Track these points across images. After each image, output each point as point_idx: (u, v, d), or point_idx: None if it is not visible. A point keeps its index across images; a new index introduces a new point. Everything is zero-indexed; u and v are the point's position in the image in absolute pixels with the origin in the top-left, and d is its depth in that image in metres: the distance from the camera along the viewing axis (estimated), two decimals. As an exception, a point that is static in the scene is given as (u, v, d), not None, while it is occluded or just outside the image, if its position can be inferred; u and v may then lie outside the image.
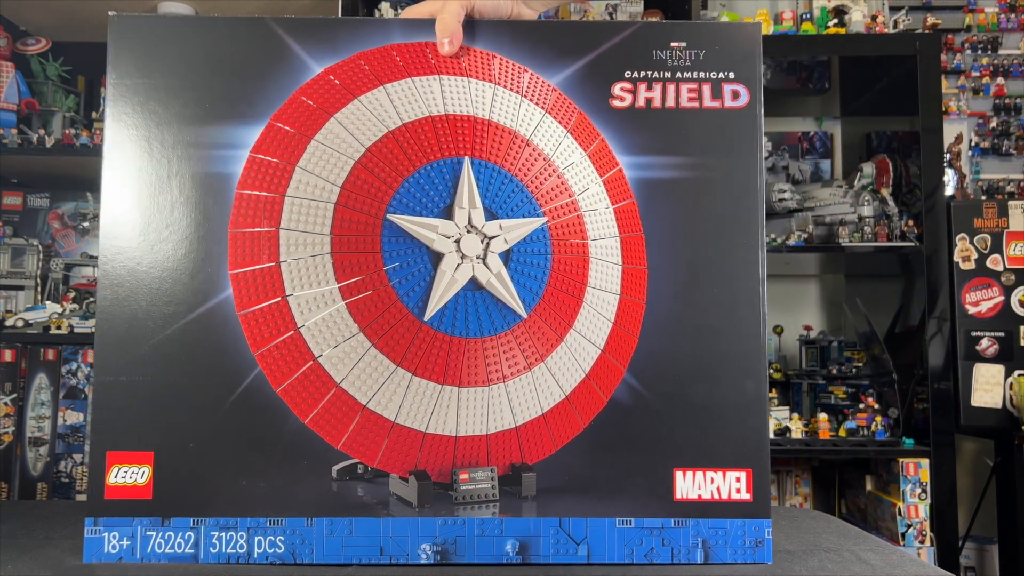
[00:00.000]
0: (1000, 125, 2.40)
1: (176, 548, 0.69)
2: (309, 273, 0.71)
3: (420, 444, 0.71)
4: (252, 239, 0.70)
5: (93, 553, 0.71)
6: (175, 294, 0.70)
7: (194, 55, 0.71)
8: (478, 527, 0.71)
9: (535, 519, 0.70)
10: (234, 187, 0.70)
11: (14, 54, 2.22)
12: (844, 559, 0.77)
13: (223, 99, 0.71)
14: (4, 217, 2.23)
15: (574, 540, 0.71)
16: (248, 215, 0.70)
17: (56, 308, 1.98)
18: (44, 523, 0.94)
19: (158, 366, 0.69)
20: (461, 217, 0.73)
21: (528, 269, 0.72)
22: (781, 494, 2.10)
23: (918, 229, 1.90)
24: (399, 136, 0.74)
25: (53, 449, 1.93)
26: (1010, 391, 1.89)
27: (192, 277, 0.69)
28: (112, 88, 0.71)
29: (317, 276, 0.71)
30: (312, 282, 0.71)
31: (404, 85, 0.74)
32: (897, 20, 2.10)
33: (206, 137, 0.70)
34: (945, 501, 1.82)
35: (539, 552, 0.70)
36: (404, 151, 0.74)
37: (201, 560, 0.69)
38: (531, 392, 0.72)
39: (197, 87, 0.71)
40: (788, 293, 2.33)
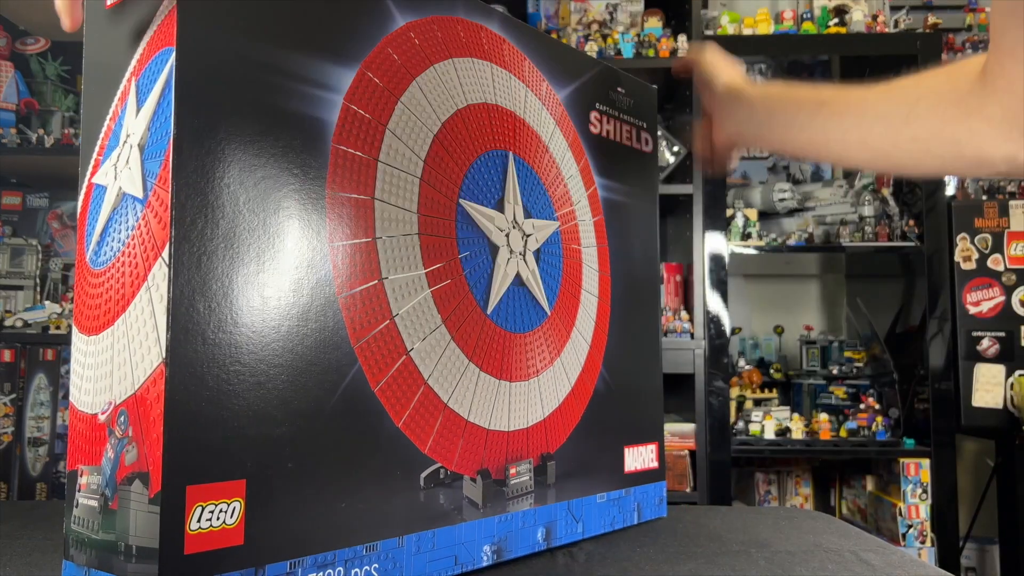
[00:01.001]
0: (1001, 125, 2.39)
1: None
2: (400, 255, 0.62)
3: (484, 442, 0.68)
4: (350, 206, 0.57)
5: None
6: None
7: None
8: (520, 520, 0.70)
9: (554, 504, 0.73)
10: (330, 138, 0.56)
11: (13, 53, 2.22)
12: (845, 560, 0.77)
13: (315, 27, 0.56)
14: (3, 217, 2.22)
15: (575, 519, 0.76)
16: (345, 177, 0.57)
17: (55, 308, 1.98)
18: (43, 524, 0.94)
19: (253, 364, 0.51)
20: (509, 212, 0.72)
21: (550, 268, 0.75)
22: (781, 494, 2.10)
23: (919, 229, 1.90)
24: (466, 116, 0.69)
25: (52, 449, 1.93)
26: (1011, 391, 1.89)
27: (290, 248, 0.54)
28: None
29: (407, 259, 0.63)
30: (403, 265, 0.62)
31: (467, 64, 0.70)
32: (898, 20, 2.10)
33: (301, 68, 0.55)
34: (946, 501, 1.82)
35: (556, 535, 0.73)
36: (470, 134, 0.70)
37: None
38: (553, 385, 0.74)
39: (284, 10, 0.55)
40: (789, 293, 2.33)
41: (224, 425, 0.49)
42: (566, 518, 0.76)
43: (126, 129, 0.55)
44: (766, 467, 2.10)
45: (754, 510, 0.97)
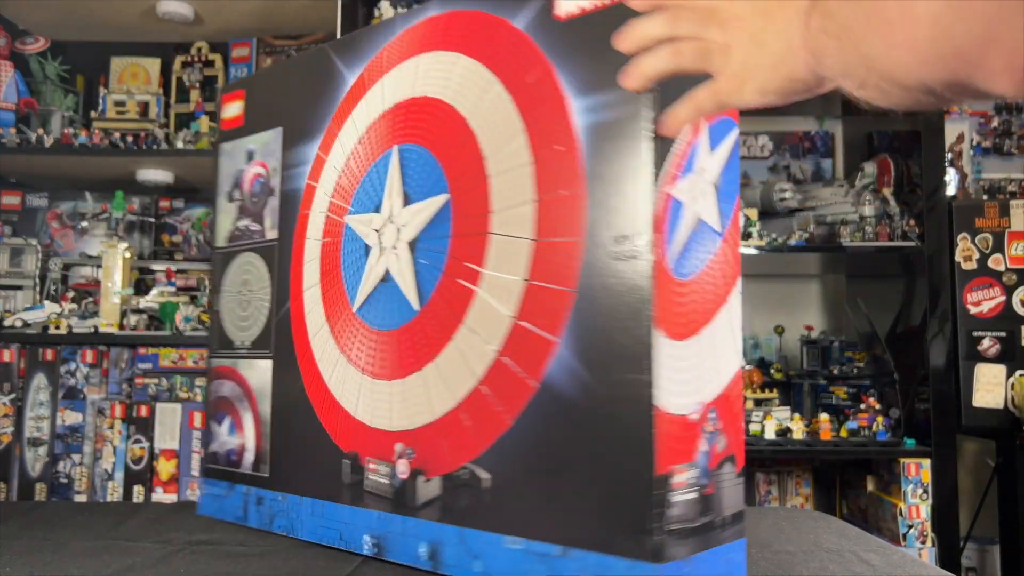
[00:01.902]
0: (1002, 125, 2.39)
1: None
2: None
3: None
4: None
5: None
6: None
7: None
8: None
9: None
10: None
11: (13, 53, 2.22)
12: (845, 560, 0.77)
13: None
14: (3, 216, 2.22)
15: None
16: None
17: (55, 308, 1.98)
18: (43, 524, 0.94)
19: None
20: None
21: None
22: (782, 494, 2.09)
23: (919, 229, 1.90)
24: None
25: (52, 449, 1.92)
26: (1011, 391, 1.89)
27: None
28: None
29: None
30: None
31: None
32: (898, 19, 2.09)
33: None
34: (946, 502, 1.81)
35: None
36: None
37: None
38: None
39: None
40: (789, 293, 2.33)
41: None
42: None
43: (700, 162, 0.65)
44: (766, 467, 2.09)
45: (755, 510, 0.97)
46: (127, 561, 0.78)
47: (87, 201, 2.23)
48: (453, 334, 0.71)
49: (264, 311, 0.94)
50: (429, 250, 0.75)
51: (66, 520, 0.96)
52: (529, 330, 0.66)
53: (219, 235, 1.03)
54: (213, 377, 1.00)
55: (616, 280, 0.60)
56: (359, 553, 0.79)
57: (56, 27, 2.24)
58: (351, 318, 0.83)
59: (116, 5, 2.10)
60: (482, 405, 0.69)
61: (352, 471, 0.80)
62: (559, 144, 0.65)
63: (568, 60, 0.66)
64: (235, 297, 0.99)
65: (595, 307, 0.61)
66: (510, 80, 0.70)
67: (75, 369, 1.95)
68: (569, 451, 0.62)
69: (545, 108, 0.67)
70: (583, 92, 0.64)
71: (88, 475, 1.92)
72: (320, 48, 0.92)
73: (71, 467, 1.92)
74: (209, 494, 0.98)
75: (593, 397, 0.61)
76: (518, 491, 0.66)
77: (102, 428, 1.93)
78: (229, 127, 1.03)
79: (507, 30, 0.70)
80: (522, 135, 0.68)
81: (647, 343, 0.58)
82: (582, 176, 0.63)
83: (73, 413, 1.94)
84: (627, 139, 0.61)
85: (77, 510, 1.03)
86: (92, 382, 1.95)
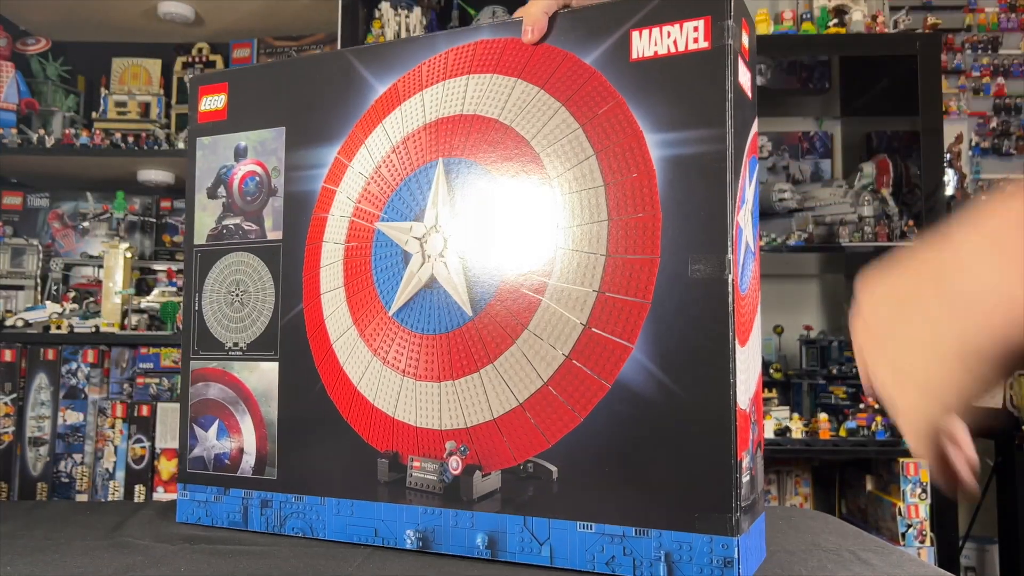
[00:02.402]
0: (1000, 125, 2.39)
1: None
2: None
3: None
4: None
5: None
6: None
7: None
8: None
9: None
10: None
11: (14, 54, 2.22)
12: (844, 559, 0.77)
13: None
14: (4, 217, 2.23)
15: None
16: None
17: (56, 308, 1.98)
18: (44, 523, 0.94)
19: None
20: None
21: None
22: (781, 494, 2.10)
23: (919, 229, 1.90)
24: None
25: (53, 449, 1.93)
26: (1010, 391, 1.89)
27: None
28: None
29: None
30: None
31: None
32: (897, 20, 2.10)
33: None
34: (945, 501, 1.82)
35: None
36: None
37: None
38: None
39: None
40: (788, 293, 2.33)
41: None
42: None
43: (747, 194, 0.75)
44: (766, 467, 2.10)
45: (753, 510, 0.97)
46: (127, 561, 0.78)
47: (88, 201, 2.24)
48: (516, 339, 0.78)
49: (266, 312, 0.94)
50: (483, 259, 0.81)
51: (67, 519, 0.96)
52: (602, 336, 0.74)
53: (197, 232, 0.99)
54: (195, 379, 0.98)
55: (696, 295, 0.70)
56: (400, 548, 0.82)
57: (57, 28, 2.25)
58: (386, 322, 0.85)
59: (117, 6, 2.10)
60: (549, 404, 0.76)
61: (391, 469, 0.83)
62: (633, 171, 0.74)
63: (641, 98, 0.74)
64: (223, 297, 0.97)
65: (674, 318, 0.71)
66: (578, 109, 0.77)
67: (76, 369, 1.96)
68: (644, 443, 0.71)
69: (618, 138, 0.75)
70: (658, 129, 0.73)
71: (89, 475, 1.93)
72: (338, 53, 0.92)
73: (72, 467, 1.93)
74: (192, 500, 0.96)
75: (671, 396, 0.71)
76: (589, 480, 0.74)
77: (103, 428, 1.94)
78: (208, 120, 1.00)
79: (574, 63, 0.78)
80: (593, 160, 0.76)
81: (728, 349, 0.69)
82: (658, 201, 0.72)
83: (74, 413, 1.94)
84: (707, 175, 0.71)
85: (78, 509, 1.03)
86: (93, 382, 1.96)
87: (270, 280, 0.94)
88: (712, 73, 0.71)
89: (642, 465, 0.71)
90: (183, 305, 1.03)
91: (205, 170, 0.99)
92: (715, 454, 0.69)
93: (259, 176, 0.96)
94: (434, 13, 2.12)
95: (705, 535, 0.69)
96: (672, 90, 0.72)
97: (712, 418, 0.69)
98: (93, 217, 2.21)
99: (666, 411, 0.70)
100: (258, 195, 0.96)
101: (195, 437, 0.96)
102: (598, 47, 0.77)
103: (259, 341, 0.94)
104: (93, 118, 2.13)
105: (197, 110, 1.00)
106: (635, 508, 0.71)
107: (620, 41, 0.76)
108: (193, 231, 0.99)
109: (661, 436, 0.70)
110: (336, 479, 0.86)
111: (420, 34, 1.98)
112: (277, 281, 0.93)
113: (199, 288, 0.99)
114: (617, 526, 0.72)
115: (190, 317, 0.99)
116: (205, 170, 0.99)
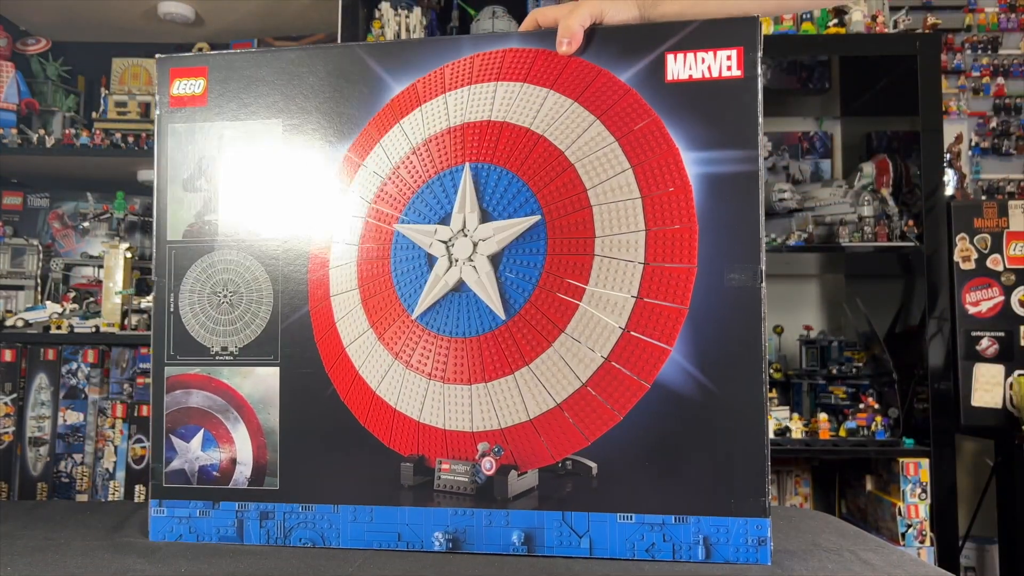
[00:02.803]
0: (1000, 125, 2.39)
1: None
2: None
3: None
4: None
5: None
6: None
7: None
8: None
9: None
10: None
11: (14, 54, 2.22)
12: (844, 559, 0.77)
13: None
14: (4, 217, 2.23)
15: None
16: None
17: (56, 308, 1.98)
18: (44, 523, 0.94)
19: None
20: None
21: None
22: (781, 494, 2.10)
23: (918, 229, 1.90)
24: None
25: (53, 449, 1.93)
26: (1010, 391, 1.89)
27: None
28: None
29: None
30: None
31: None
32: (897, 20, 2.10)
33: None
34: (945, 501, 1.82)
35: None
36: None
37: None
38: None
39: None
40: (788, 293, 2.33)
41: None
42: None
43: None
44: (766, 467, 2.10)
45: (753, 510, 0.97)
46: (127, 561, 0.78)
47: (88, 201, 2.24)
48: (552, 342, 0.81)
49: (261, 315, 0.89)
50: (516, 265, 0.83)
51: (67, 519, 0.96)
52: (641, 339, 0.79)
53: (171, 227, 0.92)
54: (172, 387, 0.90)
55: (732, 301, 0.77)
56: (429, 551, 0.82)
57: (57, 28, 2.25)
58: (409, 325, 0.85)
59: (117, 6, 2.10)
60: (588, 404, 0.79)
61: (416, 473, 0.83)
62: (670, 186, 0.79)
63: (677, 118, 0.80)
64: (207, 298, 0.90)
65: (710, 322, 0.77)
66: (614, 124, 0.81)
67: (76, 369, 1.96)
68: (683, 437, 0.78)
69: (654, 153, 0.80)
70: (694, 147, 0.79)
71: (89, 475, 1.93)
72: (347, 47, 0.90)
73: (72, 467, 1.93)
74: (170, 517, 0.88)
75: (708, 393, 0.77)
76: (629, 474, 0.78)
77: (103, 428, 1.94)
78: (183, 105, 0.92)
79: (608, 79, 0.82)
80: (630, 173, 0.80)
81: (761, 350, 0.77)
82: (694, 215, 0.78)
83: (74, 413, 1.94)
84: (742, 191, 0.78)
85: (78, 509, 1.03)
86: (93, 382, 1.96)
87: (267, 281, 0.89)
88: (745, 100, 0.79)
89: (681, 457, 0.78)
90: (153, 306, 0.93)
91: (179, 160, 0.92)
92: (750, 444, 0.77)
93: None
94: (434, 13, 2.12)
95: (741, 518, 0.76)
96: (707, 112, 0.79)
97: (746, 412, 0.77)
98: (93, 217, 2.21)
99: (704, 408, 0.77)
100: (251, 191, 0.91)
101: (173, 449, 0.90)
102: (633, 66, 0.81)
103: (254, 345, 0.89)
104: (93, 118, 2.13)
105: (168, 94, 0.93)
106: (674, 497, 0.78)
107: (655, 62, 0.80)
108: (166, 226, 0.92)
109: (699, 430, 0.77)
110: (352, 486, 0.84)
111: (439, 36, 1.98)
112: (275, 282, 0.89)
113: (174, 288, 0.91)
114: (657, 515, 0.78)
115: (163, 319, 0.91)
116: (179, 160, 0.92)
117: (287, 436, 0.87)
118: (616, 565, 0.76)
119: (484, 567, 0.76)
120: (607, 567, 0.75)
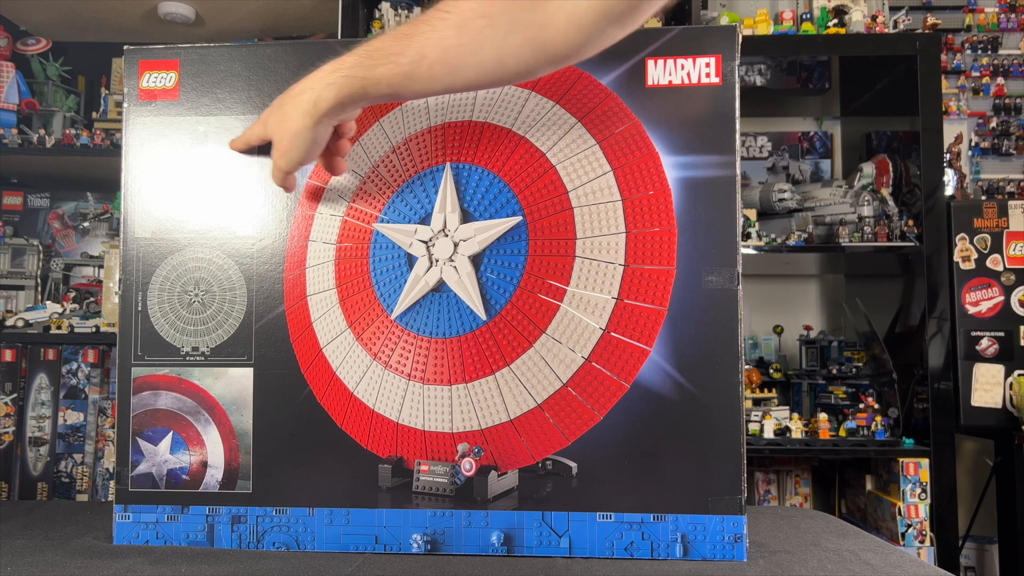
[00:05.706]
0: (1000, 125, 2.39)
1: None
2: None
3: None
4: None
5: None
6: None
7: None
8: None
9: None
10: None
11: (14, 54, 2.22)
12: (844, 559, 0.77)
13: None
14: (4, 217, 2.23)
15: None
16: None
17: (56, 308, 1.98)
18: (44, 523, 0.94)
19: None
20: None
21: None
22: (781, 494, 2.10)
23: (918, 229, 1.90)
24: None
25: (53, 449, 1.93)
26: (1010, 391, 1.89)
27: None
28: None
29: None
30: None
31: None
32: (897, 20, 2.10)
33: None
34: (945, 501, 1.82)
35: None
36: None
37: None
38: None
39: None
40: (788, 293, 2.33)
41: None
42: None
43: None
44: (765, 466, 2.10)
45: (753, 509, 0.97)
46: (128, 561, 0.78)
47: (88, 201, 2.24)
48: (533, 343, 0.81)
49: (235, 314, 0.87)
50: (498, 266, 0.82)
51: (67, 519, 0.96)
52: (621, 340, 0.79)
53: (139, 224, 0.90)
54: (139, 388, 0.87)
55: (709, 302, 0.79)
56: (406, 553, 0.81)
57: (57, 28, 2.25)
58: (388, 325, 0.84)
59: (117, 6, 2.10)
60: (568, 403, 0.80)
61: (394, 474, 0.82)
62: (650, 189, 0.80)
63: (656, 122, 0.81)
64: (178, 297, 0.87)
65: (688, 323, 0.79)
66: (595, 126, 0.82)
67: (76, 369, 1.96)
68: (661, 436, 0.79)
69: (634, 156, 0.81)
70: (673, 152, 0.80)
71: (89, 474, 1.93)
72: (325, 43, 0.86)
73: (72, 466, 1.93)
74: (136, 522, 0.86)
75: (686, 393, 0.78)
76: (609, 474, 0.79)
77: (103, 428, 1.94)
78: (153, 99, 0.90)
79: (590, 82, 0.82)
80: (611, 176, 0.81)
81: (737, 350, 0.78)
82: (673, 218, 0.80)
83: (74, 413, 1.94)
84: (720, 196, 0.80)
85: (78, 509, 1.03)
86: (93, 382, 1.96)
87: (241, 280, 0.87)
88: (723, 107, 0.80)
89: (659, 457, 0.79)
90: (119, 305, 0.89)
91: (149, 154, 0.90)
92: (726, 443, 0.78)
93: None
94: (434, 13, 2.12)
95: (718, 515, 0.77)
96: (686, 118, 0.80)
97: (723, 411, 0.78)
98: (93, 217, 2.21)
99: (682, 407, 0.78)
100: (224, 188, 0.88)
101: (140, 452, 0.87)
102: (613, 70, 0.82)
103: (227, 345, 0.86)
104: (93, 118, 2.13)
105: (137, 87, 0.91)
106: (652, 496, 0.78)
107: (636, 67, 0.81)
108: (133, 222, 0.90)
109: (677, 430, 0.78)
110: (328, 488, 0.83)
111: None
112: (250, 281, 0.87)
113: (142, 287, 0.88)
114: (635, 514, 0.79)
115: (129, 319, 0.88)
116: (149, 154, 0.90)
117: (261, 438, 0.85)
118: (595, 564, 0.76)
119: (463, 568, 0.75)
120: (586, 566, 0.75)
